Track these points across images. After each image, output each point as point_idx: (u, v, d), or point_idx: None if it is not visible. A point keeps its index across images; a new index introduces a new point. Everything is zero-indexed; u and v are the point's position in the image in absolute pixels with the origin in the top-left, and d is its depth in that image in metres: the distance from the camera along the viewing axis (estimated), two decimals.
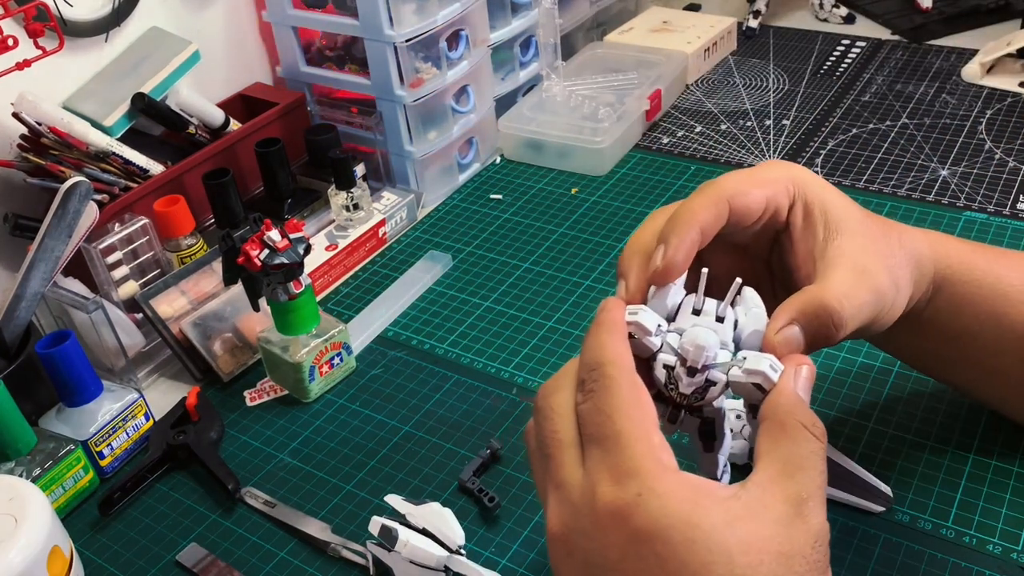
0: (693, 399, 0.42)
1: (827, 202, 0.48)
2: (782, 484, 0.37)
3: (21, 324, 0.71)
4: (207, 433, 0.69)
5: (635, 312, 0.42)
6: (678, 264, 0.44)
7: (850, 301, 0.44)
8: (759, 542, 0.36)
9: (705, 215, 0.45)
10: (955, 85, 1.07)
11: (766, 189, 0.47)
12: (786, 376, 0.41)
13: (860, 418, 0.64)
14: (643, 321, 0.42)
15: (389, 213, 0.92)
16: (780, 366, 0.41)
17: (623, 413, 0.38)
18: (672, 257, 0.44)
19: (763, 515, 0.36)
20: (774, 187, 0.47)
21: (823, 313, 0.43)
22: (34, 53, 0.77)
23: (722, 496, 0.37)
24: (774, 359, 0.41)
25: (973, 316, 0.53)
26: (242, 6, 1.00)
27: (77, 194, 0.69)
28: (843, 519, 0.57)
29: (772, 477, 0.38)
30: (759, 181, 0.47)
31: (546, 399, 0.42)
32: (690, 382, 0.42)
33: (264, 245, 0.68)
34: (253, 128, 0.92)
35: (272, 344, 0.73)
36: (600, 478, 0.37)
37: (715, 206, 0.45)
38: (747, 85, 1.13)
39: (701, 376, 0.42)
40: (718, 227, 0.46)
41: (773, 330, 0.43)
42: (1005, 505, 0.57)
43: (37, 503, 0.54)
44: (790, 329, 0.43)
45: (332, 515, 0.63)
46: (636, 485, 0.36)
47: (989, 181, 0.89)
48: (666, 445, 0.38)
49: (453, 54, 0.94)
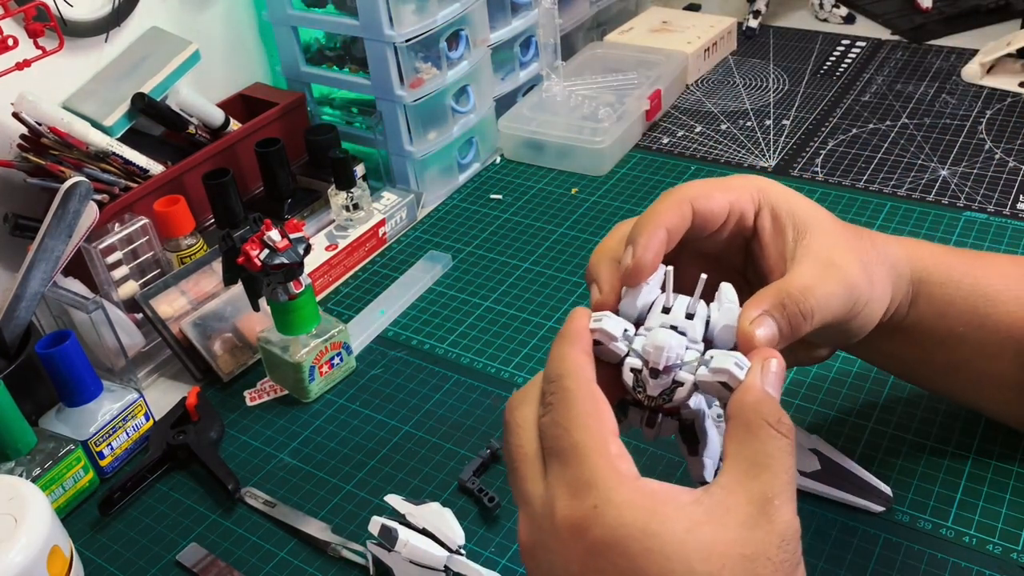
0: (661, 401, 0.42)
1: (794, 206, 0.48)
2: (746, 485, 0.37)
3: (21, 324, 0.71)
4: (207, 433, 0.69)
5: (599, 319, 0.42)
6: (647, 262, 0.44)
7: (818, 290, 0.44)
8: (720, 547, 0.35)
9: (670, 216, 0.46)
10: (955, 85, 1.07)
11: (729, 194, 0.48)
12: (752, 373, 0.40)
13: (860, 418, 0.64)
14: (607, 327, 0.42)
15: (389, 213, 0.92)
16: (746, 363, 0.40)
17: (579, 425, 0.38)
18: (641, 256, 0.44)
19: (726, 519, 0.36)
20: (738, 193, 0.48)
21: (790, 302, 0.43)
22: (34, 53, 0.77)
23: (683, 502, 0.37)
24: (740, 356, 0.41)
25: (956, 318, 0.53)
26: (242, 6, 1.00)
27: (77, 194, 0.69)
28: (843, 519, 0.57)
29: (737, 478, 0.37)
30: (722, 187, 0.48)
31: (511, 413, 0.42)
32: (656, 384, 0.41)
33: (264, 245, 0.68)
34: (253, 128, 0.92)
35: (272, 344, 0.73)
36: (559, 492, 0.38)
37: (679, 207, 0.46)
38: (747, 85, 1.13)
39: (667, 377, 0.41)
40: (683, 229, 0.46)
41: (746, 320, 0.42)
42: (1005, 505, 0.57)
43: (37, 503, 0.54)
44: (762, 318, 0.43)
45: (332, 515, 0.63)
46: (592, 497, 0.36)
47: (989, 181, 0.89)
48: (625, 454, 0.38)
49: (453, 54, 0.94)
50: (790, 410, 0.65)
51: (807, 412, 0.65)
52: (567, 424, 0.38)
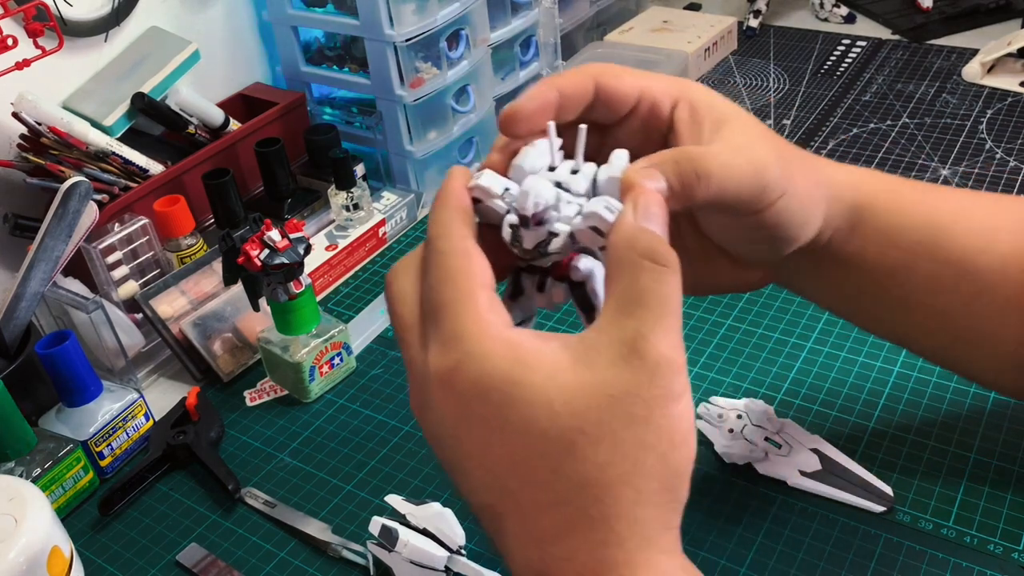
0: (537, 254, 0.40)
1: (716, 101, 0.45)
2: (619, 323, 0.35)
3: (21, 324, 0.71)
4: (207, 433, 0.69)
5: (478, 176, 0.41)
6: (526, 110, 0.42)
7: (720, 156, 0.41)
8: (586, 388, 0.34)
9: (566, 81, 0.44)
10: (956, 85, 1.07)
11: (641, 80, 0.45)
12: (624, 212, 0.37)
13: (861, 418, 0.64)
14: (484, 183, 0.41)
15: (389, 213, 0.92)
16: (618, 205, 0.38)
17: (448, 281, 0.38)
18: (523, 104, 0.42)
19: (594, 360, 0.35)
20: (651, 81, 0.46)
21: (684, 159, 0.40)
22: (34, 53, 0.77)
23: (550, 348, 0.36)
24: (612, 200, 0.38)
25: (906, 248, 0.50)
26: (242, 6, 1.00)
27: (77, 194, 0.69)
28: (844, 519, 0.57)
29: (610, 318, 0.36)
30: (634, 73, 0.46)
31: (390, 284, 0.41)
32: (531, 235, 0.40)
33: (264, 245, 0.67)
34: (253, 128, 0.92)
35: (272, 344, 0.73)
36: (432, 350, 0.37)
37: (579, 76, 0.44)
38: (747, 85, 1.13)
39: (543, 228, 0.40)
40: (582, 99, 0.44)
41: (632, 169, 0.39)
42: (1006, 505, 0.57)
43: (37, 503, 0.54)
44: (649, 169, 0.39)
45: (332, 515, 0.63)
46: (458, 350, 0.36)
47: (990, 181, 0.89)
48: (496, 306, 0.37)
49: (453, 54, 0.94)
50: (791, 410, 0.66)
51: (808, 412, 0.65)
52: (437, 284, 0.38)
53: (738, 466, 0.61)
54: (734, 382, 0.69)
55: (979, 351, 0.52)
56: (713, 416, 0.64)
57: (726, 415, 0.63)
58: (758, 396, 0.67)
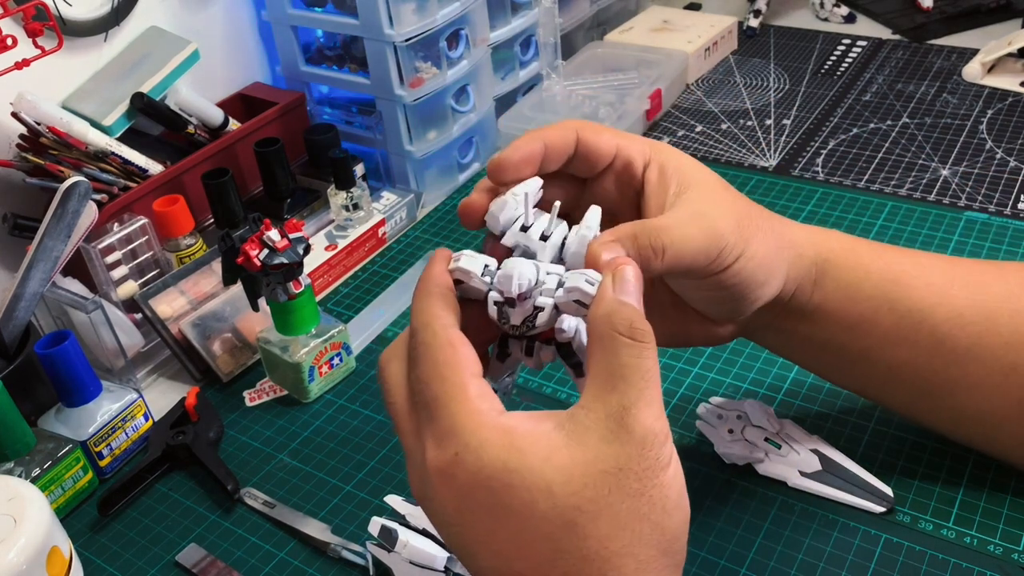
0: (526, 328, 0.42)
1: (683, 164, 0.48)
2: (604, 399, 0.37)
3: (20, 324, 0.71)
4: (206, 433, 0.69)
5: (457, 258, 0.43)
6: (512, 159, 0.44)
7: (675, 230, 0.44)
8: (580, 467, 0.36)
9: (551, 133, 0.46)
10: (956, 85, 1.07)
11: (618, 139, 0.48)
12: (603, 285, 0.40)
13: (861, 418, 0.64)
14: (464, 266, 0.42)
15: (389, 213, 0.92)
16: (597, 277, 0.40)
17: (436, 376, 0.39)
18: (509, 154, 0.44)
19: (585, 438, 0.36)
20: (628, 141, 0.48)
21: (642, 234, 0.43)
22: (33, 52, 0.77)
23: (543, 431, 0.37)
24: (591, 273, 0.41)
25: (866, 301, 0.52)
26: (241, 6, 1.00)
27: (76, 194, 0.69)
28: (844, 519, 0.57)
29: (595, 394, 0.37)
30: (613, 131, 0.49)
31: (382, 370, 0.43)
32: (517, 312, 0.41)
33: (264, 245, 0.67)
34: (252, 128, 0.92)
35: (272, 344, 0.73)
36: (428, 444, 0.38)
37: (563, 130, 0.47)
38: (748, 85, 1.13)
39: (526, 304, 0.41)
40: (564, 151, 0.47)
41: (596, 242, 0.42)
42: (1006, 506, 0.57)
43: (36, 503, 0.54)
44: (611, 244, 0.42)
45: (332, 515, 0.63)
46: (454, 444, 0.37)
47: (990, 181, 0.89)
48: (487, 393, 0.39)
49: (453, 54, 0.94)
50: (791, 411, 0.65)
51: (808, 412, 0.65)
52: (426, 378, 0.39)
53: (738, 467, 0.61)
54: (734, 382, 0.69)
55: (941, 402, 0.55)
56: (713, 417, 0.64)
57: (726, 416, 0.63)
58: (758, 396, 0.67)
